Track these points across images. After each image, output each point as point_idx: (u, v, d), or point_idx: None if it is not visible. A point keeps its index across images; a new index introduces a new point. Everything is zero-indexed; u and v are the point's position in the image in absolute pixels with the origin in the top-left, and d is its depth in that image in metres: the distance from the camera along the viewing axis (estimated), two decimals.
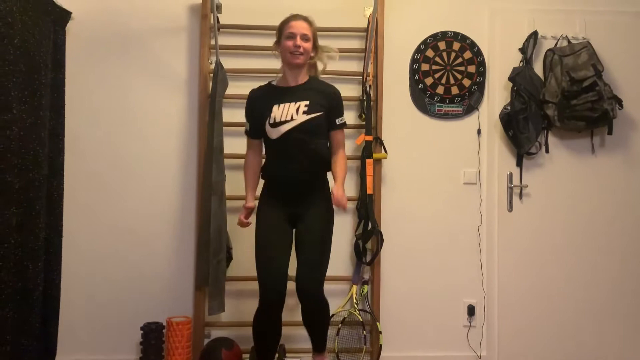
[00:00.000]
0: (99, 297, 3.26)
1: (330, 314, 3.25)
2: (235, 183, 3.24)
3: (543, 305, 3.42)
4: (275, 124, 2.57)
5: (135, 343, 3.22)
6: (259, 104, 2.65)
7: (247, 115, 2.74)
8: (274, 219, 2.60)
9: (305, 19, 2.62)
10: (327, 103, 2.64)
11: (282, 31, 2.62)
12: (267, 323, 2.58)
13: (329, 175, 2.72)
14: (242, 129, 2.81)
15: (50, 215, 2.99)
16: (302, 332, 3.25)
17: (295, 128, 2.55)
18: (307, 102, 2.58)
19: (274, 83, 2.71)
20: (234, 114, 3.26)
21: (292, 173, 2.58)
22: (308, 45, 2.59)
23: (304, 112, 2.56)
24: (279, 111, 2.57)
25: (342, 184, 2.61)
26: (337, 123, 2.69)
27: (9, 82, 2.59)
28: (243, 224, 2.74)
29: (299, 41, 2.55)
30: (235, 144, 3.25)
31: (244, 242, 3.22)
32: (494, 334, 3.42)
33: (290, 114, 2.56)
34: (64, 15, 3.13)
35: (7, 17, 2.58)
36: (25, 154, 2.71)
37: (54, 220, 3.02)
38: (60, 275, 3.08)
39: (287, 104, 2.58)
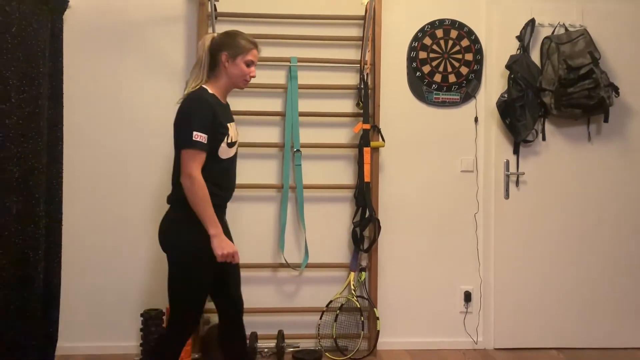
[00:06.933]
0: (99, 284, 3.29)
1: (329, 301, 3.31)
2: None
3: (538, 290, 3.46)
4: (232, 144, 2.38)
5: (135, 330, 3.26)
6: (220, 118, 2.35)
7: (205, 124, 2.27)
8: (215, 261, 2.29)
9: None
10: None
11: (243, 52, 2.39)
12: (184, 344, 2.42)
13: None
14: (238, 117, 2.75)
15: (50, 203, 3.00)
16: (300, 318, 3.29)
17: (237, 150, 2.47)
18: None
19: (212, 92, 2.39)
20: (231, 104, 3.26)
21: (230, 196, 2.47)
22: None
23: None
24: (232, 130, 2.40)
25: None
26: None
27: (7, 70, 2.60)
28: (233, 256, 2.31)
29: (254, 72, 2.44)
30: None
31: (242, 227, 3.24)
32: (490, 319, 3.46)
33: (237, 134, 2.46)
34: (62, 4, 3.12)
35: (5, 6, 2.58)
36: (24, 142, 2.72)
37: (53, 209, 3.03)
38: (61, 263, 3.10)
39: (233, 123, 2.44)
